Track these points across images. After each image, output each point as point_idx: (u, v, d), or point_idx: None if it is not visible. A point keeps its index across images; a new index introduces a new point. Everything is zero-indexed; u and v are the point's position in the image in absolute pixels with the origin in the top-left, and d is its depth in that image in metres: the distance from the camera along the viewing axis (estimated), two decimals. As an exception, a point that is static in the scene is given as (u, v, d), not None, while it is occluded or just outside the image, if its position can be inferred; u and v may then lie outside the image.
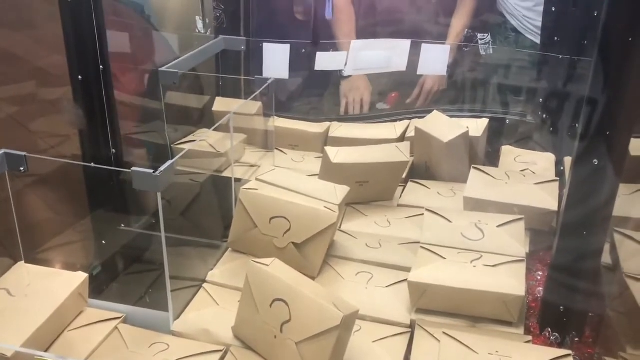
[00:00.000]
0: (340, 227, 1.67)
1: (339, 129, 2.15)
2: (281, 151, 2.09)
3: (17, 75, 1.67)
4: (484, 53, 2.08)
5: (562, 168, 1.88)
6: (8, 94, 1.66)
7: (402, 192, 1.87)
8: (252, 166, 1.97)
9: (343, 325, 1.09)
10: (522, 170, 1.87)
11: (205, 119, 2.10)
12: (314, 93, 2.48)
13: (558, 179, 1.73)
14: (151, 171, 1.20)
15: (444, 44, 2.08)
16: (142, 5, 1.93)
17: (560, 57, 1.93)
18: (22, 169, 1.30)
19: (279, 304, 1.16)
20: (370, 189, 1.77)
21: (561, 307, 1.34)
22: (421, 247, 1.44)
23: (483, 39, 2.04)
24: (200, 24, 2.10)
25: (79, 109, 1.55)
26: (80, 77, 1.53)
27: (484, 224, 1.51)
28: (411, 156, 2.04)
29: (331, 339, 1.09)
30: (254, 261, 1.24)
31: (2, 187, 1.34)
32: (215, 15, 2.11)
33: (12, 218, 1.34)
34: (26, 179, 1.46)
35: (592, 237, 1.27)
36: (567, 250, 1.32)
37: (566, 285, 1.33)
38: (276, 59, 2.19)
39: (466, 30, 2.12)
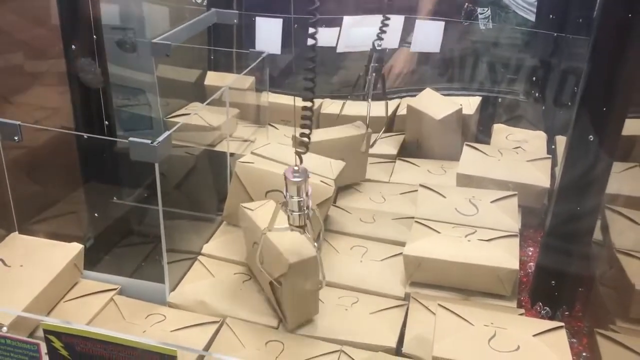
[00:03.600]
0: (335, 202, 1.67)
1: (331, 106, 2.14)
2: (273, 126, 2.08)
3: (7, 45, 1.64)
4: (484, 27, 2.07)
5: (553, 147, 1.89)
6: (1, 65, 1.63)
7: (391, 171, 1.87)
8: (245, 141, 1.96)
9: (292, 272, 1.16)
10: (514, 148, 1.88)
11: (197, 92, 2.07)
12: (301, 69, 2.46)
13: (550, 156, 1.75)
14: (149, 142, 1.19)
15: (438, 20, 2.07)
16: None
17: (555, 34, 1.93)
18: (16, 138, 1.28)
19: (255, 246, 1.26)
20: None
21: (552, 282, 1.37)
22: (415, 221, 1.45)
23: (483, 13, 2.04)
24: (195, -7, 2.08)
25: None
26: (73, 46, 1.50)
27: (478, 199, 1.52)
28: (402, 133, 2.05)
29: (286, 284, 1.19)
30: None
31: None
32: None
33: (5, 189, 1.33)
34: (19, 150, 1.44)
35: (585, 213, 1.29)
36: (560, 225, 1.34)
37: (558, 260, 1.36)
38: (268, 34, 2.17)
39: (466, 4, 2.11)
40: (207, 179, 1.78)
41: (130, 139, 1.20)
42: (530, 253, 1.60)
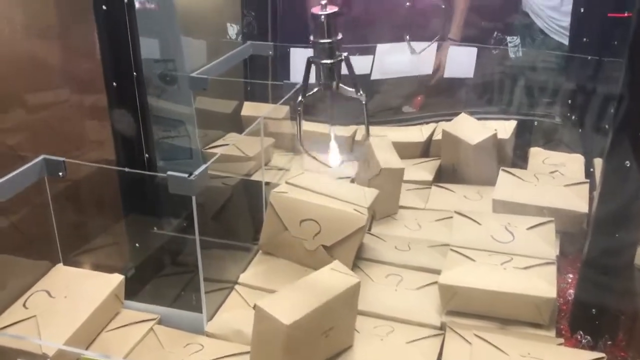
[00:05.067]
0: (369, 230, 1.68)
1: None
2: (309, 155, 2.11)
3: (52, 81, 1.71)
4: (514, 56, 2.07)
5: (591, 169, 1.86)
6: (44, 100, 1.70)
7: (427, 197, 1.87)
8: (280, 169, 1.99)
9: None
10: (551, 172, 1.86)
11: (234, 123, 2.12)
12: (341, 97, 2.49)
13: (588, 180, 1.72)
14: (186, 175, 1.23)
15: (470, 46, 2.08)
16: (174, 12, 1.97)
17: (589, 58, 1.91)
18: (60, 174, 1.33)
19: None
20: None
21: (593, 310, 1.34)
22: (451, 249, 1.45)
23: (512, 41, 2.03)
24: (231, 30, 2.14)
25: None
26: (114, 83, 1.56)
27: (514, 226, 1.51)
28: (438, 158, 2.05)
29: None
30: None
31: (41, 191, 1.39)
32: (247, 21, 2.14)
33: (50, 222, 1.38)
34: (63, 183, 1.49)
35: (624, 238, 1.26)
36: (599, 252, 1.31)
37: (598, 287, 1.33)
38: (303, 64, 2.21)
39: (495, 33, 2.12)
40: (244, 208, 1.81)
41: (169, 173, 1.24)
42: (569, 280, 1.57)
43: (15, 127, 1.58)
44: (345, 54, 1.24)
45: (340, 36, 1.21)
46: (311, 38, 1.21)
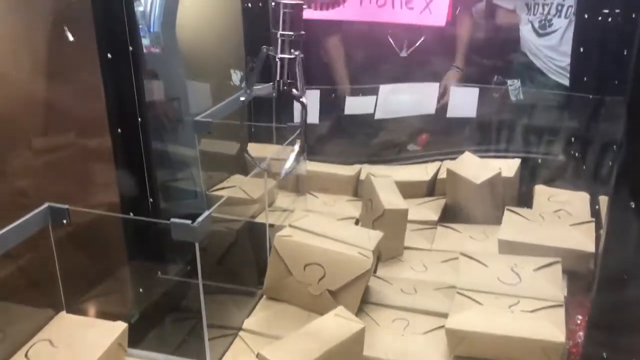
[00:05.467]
0: (375, 272, 1.67)
1: (371, 172, 2.16)
2: (313, 195, 2.11)
3: (58, 125, 1.73)
4: (515, 99, 2.09)
5: (597, 207, 1.85)
6: (50, 144, 1.71)
7: (433, 238, 1.86)
8: (284, 210, 1.99)
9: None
10: (556, 211, 1.85)
11: (238, 164, 2.13)
12: (345, 136, 2.51)
13: (593, 219, 1.71)
14: (189, 222, 1.22)
15: (472, 86, 2.10)
16: (179, 57, 2.00)
17: (591, 97, 1.92)
18: (65, 221, 1.34)
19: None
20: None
21: (604, 353, 1.31)
22: (457, 292, 1.43)
23: (512, 84, 2.05)
24: (235, 77, 2.16)
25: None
26: (119, 129, 1.58)
27: (520, 267, 1.49)
28: (443, 197, 2.05)
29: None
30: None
31: (45, 238, 1.38)
32: (250, 67, 2.16)
33: (54, 269, 1.38)
34: (67, 229, 1.49)
35: (633, 282, 1.24)
36: (607, 296, 1.29)
37: (608, 333, 1.30)
38: (307, 104, 2.23)
39: (496, 76, 2.15)
40: (248, 251, 1.81)
41: (172, 220, 1.24)
42: (578, 321, 1.54)
43: (21, 170, 1.58)
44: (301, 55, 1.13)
45: (302, 32, 1.10)
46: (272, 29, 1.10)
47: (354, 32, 2.31)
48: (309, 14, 1.90)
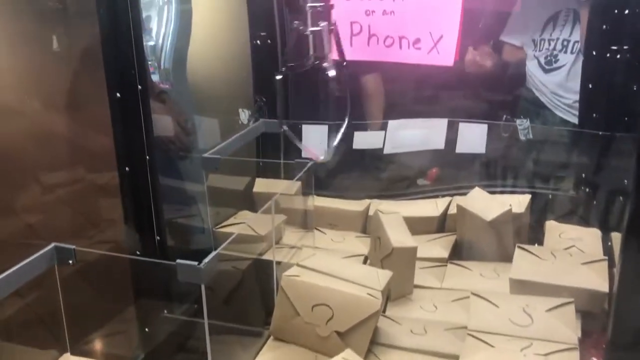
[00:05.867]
0: (384, 312, 1.64)
1: (380, 207, 2.14)
2: (320, 231, 2.09)
3: (66, 161, 1.74)
4: (524, 138, 2.09)
5: (609, 243, 1.83)
6: (57, 180, 1.72)
7: (443, 276, 1.83)
8: (292, 247, 1.97)
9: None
10: (567, 248, 1.83)
11: (246, 200, 2.12)
12: (354, 170, 2.50)
13: (606, 257, 1.68)
14: (195, 263, 1.22)
15: (480, 122, 2.10)
16: (188, 94, 2.02)
17: (600, 133, 1.92)
18: (70, 261, 1.33)
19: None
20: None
21: (621, 399, 1.28)
22: (468, 334, 1.40)
23: (522, 124, 2.05)
24: (243, 115, 2.17)
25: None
26: (127, 167, 1.58)
27: (532, 308, 1.46)
28: (454, 234, 2.02)
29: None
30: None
31: (50, 277, 1.38)
32: (258, 105, 2.18)
33: (59, 309, 1.37)
34: (73, 268, 1.49)
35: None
36: (623, 333, 1.26)
37: (624, 376, 1.27)
38: (315, 139, 2.24)
39: (504, 116, 2.15)
40: (255, 289, 1.79)
41: (178, 261, 1.23)
42: (594, 363, 1.51)
43: (29, 206, 1.59)
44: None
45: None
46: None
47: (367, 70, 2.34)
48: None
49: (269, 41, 2.20)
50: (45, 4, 1.61)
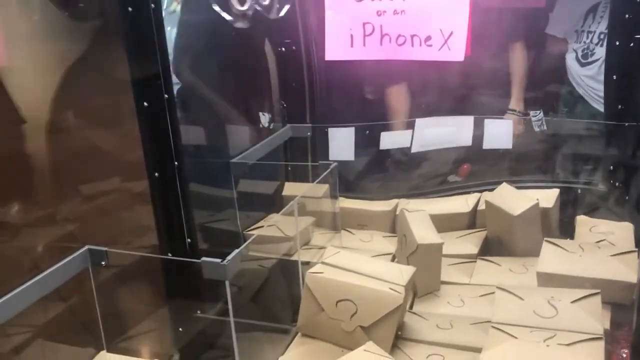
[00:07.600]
0: (411, 308, 1.66)
1: (408, 205, 2.16)
2: (349, 232, 2.12)
3: (101, 171, 1.81)
4: (538, 130, 2.07)
5: (642, 237, 1.80)
6: (93, 189, 1.79)
7: (472, 272, 1.83)
8: (320, 248, 2.00)
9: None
10: (598, 241, 1.81)
11: (275, 203, 2.17)
12: (382, 171, 2.52)
13: (637, 249, 1.66)
14: (219, 260, 1.26)
15: (506, 118, 2.10)
16: (216, 101, 2.08)
17: (626, 124, 1.89)
18: (103, 262, 1.39)
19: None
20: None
21: (650, 389, 1.26)
22: (492, 326, 1.41)
23: (536, 115, 2.04)
24: (263, 119, 2.23)
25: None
26: (156, 174, 1.64)
27: (557, 299, 1.46)
28: (484, 229, 2.02)
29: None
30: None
31: (86, 280, 1.44)
32: (280, 108, 2.24)
33: (94, 309, 1.43)
34: (108, 270, 1.55)
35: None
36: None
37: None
38: (341, 142, 2.27)
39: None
40: (282, 288, 1.83)
41: (203, 259, 1.28)
42: (624, 355, 1.49)
43: (69, 214, 1.66)
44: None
45: None
46: None
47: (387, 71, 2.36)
48: (332, 55, 1.96)
49: (293, 47, 2.25)
50: (74, 22, 1.69)
